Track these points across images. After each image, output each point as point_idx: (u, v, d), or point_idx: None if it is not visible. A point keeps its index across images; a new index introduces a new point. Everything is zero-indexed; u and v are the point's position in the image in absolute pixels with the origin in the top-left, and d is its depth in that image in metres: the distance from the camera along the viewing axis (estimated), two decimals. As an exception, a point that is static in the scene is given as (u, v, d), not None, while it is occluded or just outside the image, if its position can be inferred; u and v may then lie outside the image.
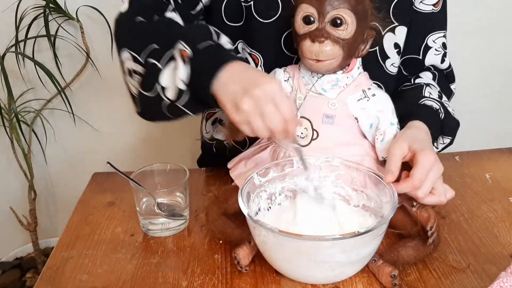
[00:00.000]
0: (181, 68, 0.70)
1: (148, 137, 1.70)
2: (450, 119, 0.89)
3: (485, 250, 0.78)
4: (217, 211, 0.79)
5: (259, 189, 0.78)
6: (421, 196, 0.73)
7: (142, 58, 0.74)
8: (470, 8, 1.56)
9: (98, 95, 1.61)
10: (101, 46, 1.51)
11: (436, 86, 0.93)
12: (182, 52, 0.70)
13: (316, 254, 0.66)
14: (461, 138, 0.95)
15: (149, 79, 0.74)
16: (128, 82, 0.79)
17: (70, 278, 0.75)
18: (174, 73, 0.71)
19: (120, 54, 0.78)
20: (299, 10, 0.76)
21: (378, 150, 0.82)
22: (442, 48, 0.96)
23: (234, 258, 0.72)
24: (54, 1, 1.41)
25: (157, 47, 0.73)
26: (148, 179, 0.85)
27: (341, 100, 0.80)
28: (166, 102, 0.73)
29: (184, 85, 0.70)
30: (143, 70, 0.74)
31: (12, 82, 1.41)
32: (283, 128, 0.67)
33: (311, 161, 0.80)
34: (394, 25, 0.90)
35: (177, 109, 0.72)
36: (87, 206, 0.93)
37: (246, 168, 0.85)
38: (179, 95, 0.71)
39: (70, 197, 1.17)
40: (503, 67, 1.67)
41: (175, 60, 0.71)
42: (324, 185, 0.80)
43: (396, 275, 0.69)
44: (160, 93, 0.73)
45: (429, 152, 0.73)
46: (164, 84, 0.72)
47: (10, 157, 1.61)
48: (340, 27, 0.74)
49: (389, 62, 0.93)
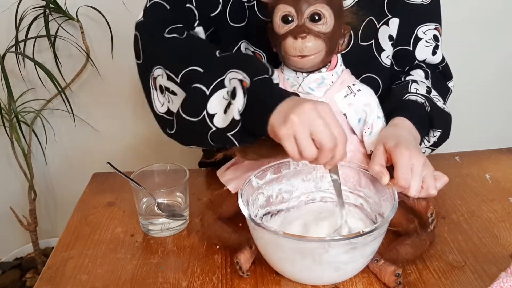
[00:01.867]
0: (241, 99, 0.67)
1: (148, 137, 1.70)
2: (438, 111, 0.87)
3: (485, 250, 0.78)
4: (212, 216, 0.78)
5: (257, 191, 0.78)
6: (414, 194, 0.73)
7: (179, 78, 0.72)
8: (470, 7, 1.56)
9: (98, 95, 1.61)
10: (101, 46, 1.51)
11: (425, 82, 0.93)
12: (243, 83, 0.68)
13: (320, 255, 0.65)
14: (461, 138, 0.95)
15: (194, 104, 0.71)
16: (156, 98, 0.77)
17: (70, 278, 0.75)
18: (224, 102, 0.69)
19: (153, 70, 0.76)
20: (276, 12, 0.77)
21: (366, 143, 0.83)
22: (434, 40, 0.96)
23: (236, 263, 0.71)
24: (54, 1, 1.41)
25: (201, 71, 0.71)
26: (148, 179, 0.85)
27: (329, 97, 0.81)
28: (211, 129, 0.71)
29: (239, 116, 0.68)
30: (179, 90, 0.72)
31: (12, 82, 1.41)
32: (333, 145, 0.64)
33: (306, 162, 0.80)
34: (388, 18, 0.91)
35: (224, 137, 0.70)
36: (87, 206, 0.93)
37: (236, 174, 0.84)
38: (231, 124, 0.68)
39: (70, 197, 1.18)
40: (503, 67, 1.67)
41: (225, 88, 0.69)
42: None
43: (400, 273, 0.69)
44: (206, 119, 0.70)
45: (403, 148, 0.73)
46: (213, 111, 0.70)
47: (10, 157, 1.61)
48: (319, 22, 0.75)
49: (384, 55, 0.93)
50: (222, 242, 0.77)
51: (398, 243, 0.75)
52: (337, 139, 0.64)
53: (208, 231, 0.78)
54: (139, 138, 1.71)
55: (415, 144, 0.79)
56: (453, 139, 0.92)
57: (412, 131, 0.82)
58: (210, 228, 0.77)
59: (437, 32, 0.96)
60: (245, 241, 0.74)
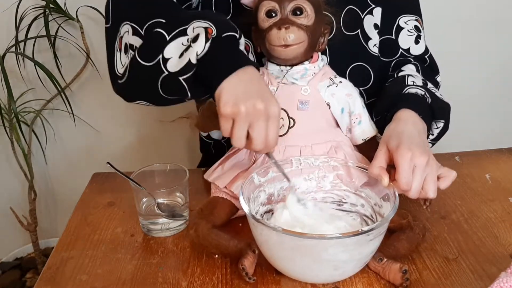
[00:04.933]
0: (202, 43, 0.69)
1: (148, 137, 1.70)
2: (438, 102, 0.87)
3: (485, 250, 0.78)
4: (206, 225, 0.76)
5: (259, 189, 0.78)
6: (414, 197, 0.73)
7: (143, 30, 0.72)
8: (470, 7, 1.56)
9: (98, 95, 1.61)
10: (101, 46, 1.50)
11: (419, 76, 0.93)
12: (208, 29, 0.69)
13: (319, 253, 0.66)
14: (461, 138, 0.95)
15: (151, 48, 0.72)
16: (118, 59, 0.77)
17: (70, 278, 0.75)
18: (182, 47, 0.70)
19: (120, 28, 0.76)
20: (261, 8, 0.81)
21: (356, 133, 0.85)
22: (415, 30, 0.98)
23: (242, 270, 0.70)
24: (54, 1, 1.41)
25: (164, 21, 0.72)
26: (148, 179, 0.85)
27: (312, 86, 0.84)
28: (163, 74, 0.71)
29: (195, 60, 0.69)
30: (142, 41, 0.73)
31: (12, 82, 1.41)
32: (260, 149, 0.69)
33: (310, 161, 0.80)
34: (371, 7, 0.94)
35: (174, 82, 0.71)
36: (87, 206, 0.93)
37: (223, 171, 0.86)
38: (185, 68, 0.69)
39: (70, 197, 1.17)
40: (503, 67, 1.67)
41: (186, 36, 0.70)
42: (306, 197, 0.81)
43: (407, 270, 0.69)
44: (160, 63, 0.71)
45: (404, 150, 0.72)
46: (168, 55, 0.70)
47: (10, 157, 1.61)
48: (301, 15, 0.80)
49: (371, 43, 0.95)
50: (220, 250, 0.76)
51: (395, 240, 0.75)
52: (267, 145, 0.69)
53: (205, 241, 0.76)
54: (139, 138, 1.71)
55: (418, 141, 0.76)
56: (453, 139, 0.92)
57: (417, 124, 0.81)
58: (207, 238, 0.75)
59: (418, 24, 0.99)
60: (245, 246, 0.73)
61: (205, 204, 0.82)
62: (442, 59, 1.05)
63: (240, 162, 0.85)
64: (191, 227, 0.77)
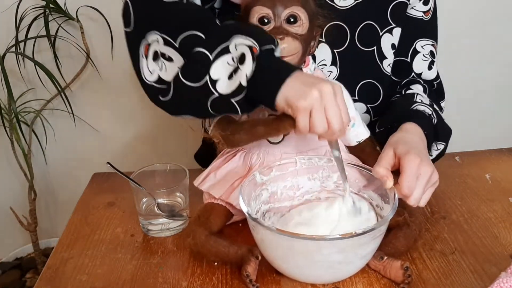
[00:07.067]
0: (250, 65, 0.67)
1: (148, 137, 1.70)
2: (443, 124, 0.89)
3: (485, 250, 0.78)
4: (204, 232, 0.75)
5: (261, 187, 0.78)
6: (413, 204, 0.71)
7: (177, 42, 0.71)
8: (470, 7, 1.56)
9: (98, 95, 1.61)
10: (101, 46, 1.51)
11: (426, 97, 0.94)
12: (253, 49, 0.68)
13: (312, 253, 0.66)
14: (461, 138, 0.95)
15: (196, 69, 0.70)
16: (145, 66, 0.74)
17: (70, 278, 0.75)
18: (228, 67, 0.68)
19: (147, 35, 0.73)
20: (252, 14, 0.76)
21: (350, 136, 0.84)
22: (430, 55, 0.97)
23: (246, 276, 0.70)
24: (54, 1, 1.41)
25: (202, 36, 0.70)
26: (148, 179, 0.85)
27: None
28: (213, 95, 0.69)
29: (246, 82, 0.68)
30: (177, 56, 0.71)
31: (12, 82, 1.41)
32: (338, 128, 0.67)
33: (313, 161, 0.80)
34: (391, 26, 0.92)
35: (226, 104, 0.69)
36: (87, 206, 0.93)
37: (216, 179, 0.83)
38: (237, 90, 0.68)
39: (70, 197, 1.17)
40: (503, 67, 1.67)
41: (230, 53, 0.69)
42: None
43: (408, 267, 0.69)
44: (209, 84, 0.69)
45: (413, 155, 0.72)
46: (215, 76, 0.69)
47: (10, 157, 1.61)
48: (296, 24, 0.76)
49: (386, 62, 0.94)
50: (219, 258, 0.75)
51: (392, 237, 0.75)
52: (343, 121, 0.67)
53: (203, 249, 0.75)
54: (139, 138, 1.71)
55: (425, 153, 0.77)
56: (453, 139, 0.92)
57: (423, 139, 0.81)
58: (205, 245, 0.74)
59: (433, 49, 0.98)
60: (247, 253, 0.72)
61: (201, 211, 0.81)
62: (442, 59, 1.05)
63: (234, 170, 0.83)
64: (188, 235, 0.76)
